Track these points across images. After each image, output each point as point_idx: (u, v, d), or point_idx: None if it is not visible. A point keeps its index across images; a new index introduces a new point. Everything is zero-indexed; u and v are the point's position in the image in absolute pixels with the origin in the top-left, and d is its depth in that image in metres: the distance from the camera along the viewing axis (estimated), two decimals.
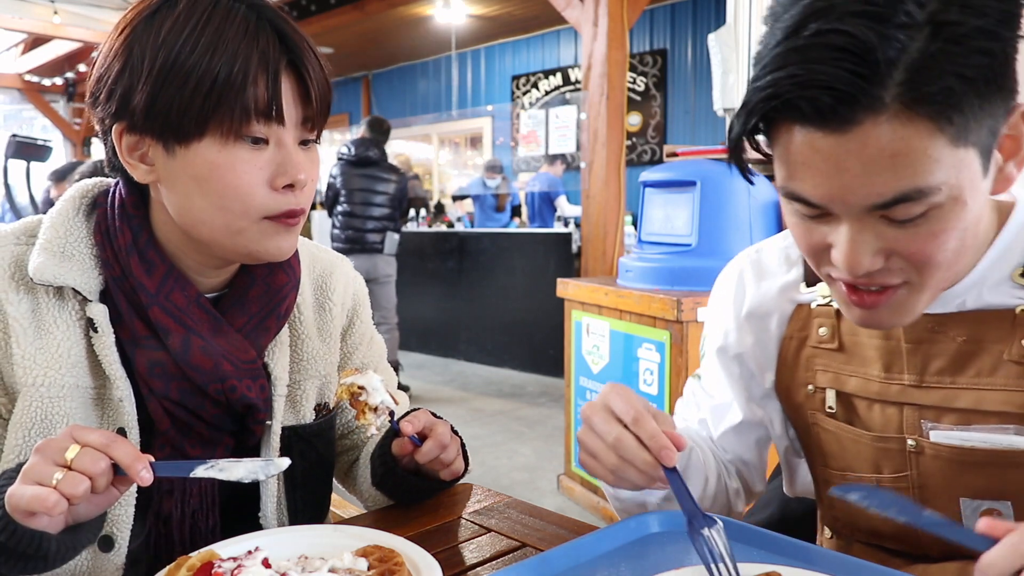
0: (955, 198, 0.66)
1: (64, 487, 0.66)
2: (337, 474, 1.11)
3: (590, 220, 4.02)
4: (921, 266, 0.69)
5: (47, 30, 7.65)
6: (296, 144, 0.83)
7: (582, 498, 3.11)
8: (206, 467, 0.72)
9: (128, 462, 0.68)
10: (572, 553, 0.74)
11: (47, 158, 5.58)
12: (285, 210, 0.82)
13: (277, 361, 0.93)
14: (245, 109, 0.77)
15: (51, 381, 0.81)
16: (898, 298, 0.72)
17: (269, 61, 0.78)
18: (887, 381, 0.84)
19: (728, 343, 0.99)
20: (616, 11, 3.84)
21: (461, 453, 0.96)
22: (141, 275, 0.84)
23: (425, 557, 0.71)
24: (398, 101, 9.87)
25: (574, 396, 3.11)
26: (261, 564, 0.69)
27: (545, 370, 5.44)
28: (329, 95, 0.85)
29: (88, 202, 0.89)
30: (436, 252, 6.16)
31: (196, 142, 0.78)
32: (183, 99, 0.77)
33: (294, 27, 0.82)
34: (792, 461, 1.02)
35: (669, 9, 7.41)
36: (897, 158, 0.63)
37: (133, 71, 0.78)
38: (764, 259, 0.97)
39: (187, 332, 0.84)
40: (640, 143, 7.63)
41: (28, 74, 9.90)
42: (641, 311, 2.63)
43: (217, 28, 0.77)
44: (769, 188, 2.73)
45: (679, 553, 0.76)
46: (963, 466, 0.80)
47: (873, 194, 0.65)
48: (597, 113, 3.92)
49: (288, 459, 0.77)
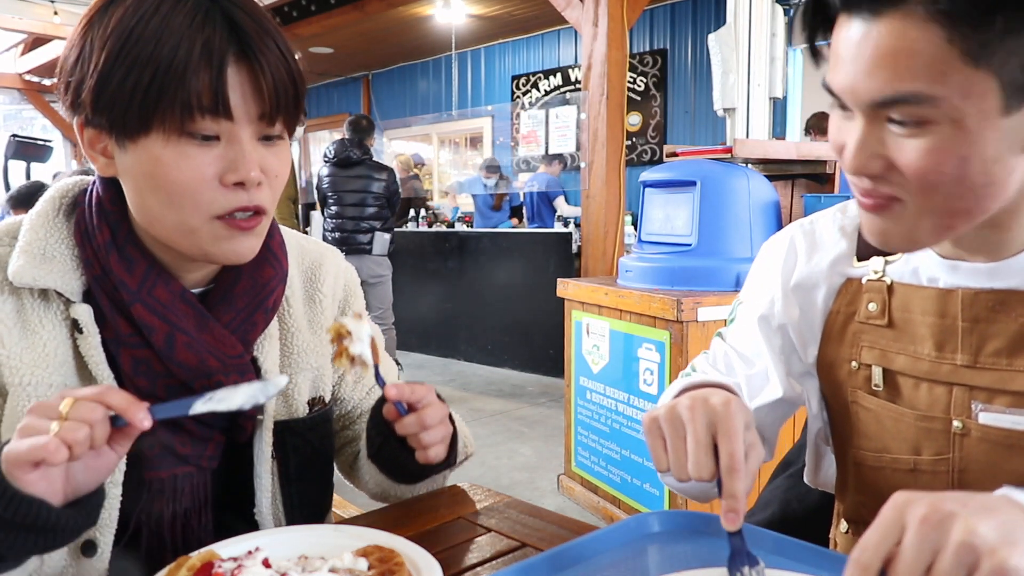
0: (956, 120, 0.64)
1: (63, 434, 0.63)
2: (342, 468, 1.10)
3: (590, 220, 4.02)
4: (916, 184, 0.68)
5: (47, 30, 7.65)
6: (254, 140, 0.78)
7: (582, 498, 3.11)
8: (204, 400, 0.71)
9: (124, 406, 0.67)
10: (572, 553, 0.74)
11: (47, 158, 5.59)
12: (235, 207, 0.78)
13: (267, 355, 0.91)
14: (186, 103, 0.73)
15: (38, 380, 0.79)
16: (898, 212, 0.72)
17: (213, 51, 0.73)
18: (938, 360, 0.81)
19: (773, 312, 0.95)
20: (616, 11, 3.85)
21: (447, 443, 0.90)
22: (122, 272, 0.82)
23: (425, 557, 0.71)
24: (398, 101, 9.87)
25: (574, 396, 3.11)
26: (261, 564, 0.69)
27: (545, 370, 5.44)
28: (294, 87, 0.79)
29: (68, 202, 0.87)
30: (436, 252, 6.15)
31: (143, 137, 0.75)
32: (125, 92, 0.73)
33: (254, 14, 0.77)
34: (821, 447, 1.00)
35: (669, 9, 7.41)
36: (901, 56, 0.64)
37: (84, 62, 0.76)
38: (818, 230, 0.95)
39: (171, 328, 0.82)
40: (640, 143, 7.63)
41: (28, 74, 9.90)
42: (641, 311, 2.63)
43: (164, 16, 0.73)
44: (769, 188, 2.73)
45: (680, 553, 0.76)
46: (1011, 450, 0.78)
47: (874, 89, 0.66)
48: (597, 113, 3.92)
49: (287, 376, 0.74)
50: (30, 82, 10.14)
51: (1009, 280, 0.78)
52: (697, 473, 0.69)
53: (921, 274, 0.84)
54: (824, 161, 2.80)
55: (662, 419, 0.73)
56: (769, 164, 2.93)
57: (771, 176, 2.88)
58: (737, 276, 2.57)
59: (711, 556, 0.71)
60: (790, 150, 2.90)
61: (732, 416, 0.70)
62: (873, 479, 0.88)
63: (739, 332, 1.00)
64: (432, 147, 9.67)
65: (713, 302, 2.49)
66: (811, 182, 2.98)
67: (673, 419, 0.72)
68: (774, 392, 0.95)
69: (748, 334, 0.98)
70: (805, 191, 2.98)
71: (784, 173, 2.98)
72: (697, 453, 0.70)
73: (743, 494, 0.68)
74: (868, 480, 0.89)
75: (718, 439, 0.70)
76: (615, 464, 2.89)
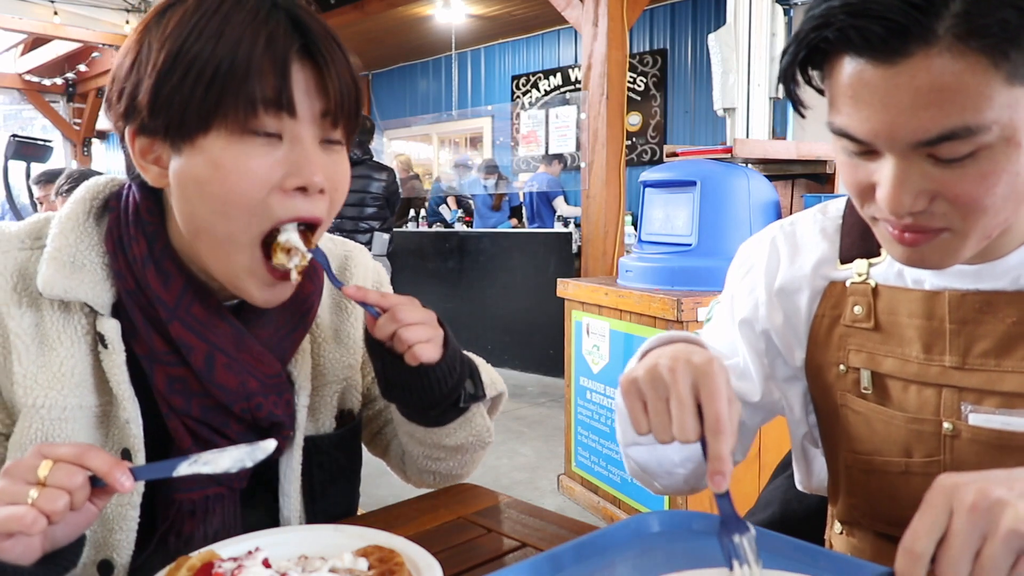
0: (1007, 139, 0.63)
1: (42, 504, 0.60)
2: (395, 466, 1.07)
3: (590, 220, 4.02)
4: (966, 211, 0.67)
5: (47, 30, 7.67)
6: (316, 142, 0.76)
7: (582, 498, 3.11)
8: (189, 463, 0.69)
9: (105, 470, 0.64)
10: (572, 553, 0.74)
11: (47, 158, 5.59)
12: (292, 215, 0.75)
13: (300, 370, 0.89)
14: (250, 99, 0.71)
15: (52, 403, 0.76)
16: (940, 241, 0.70)
17: (277, 46, 0.72)
18: (926, 362, 0.81)
19: (756, 317, 0.94)
20: (616, 11, 3.84)
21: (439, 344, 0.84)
22: (159, 288, 0.78)
23: (425, 557, 0.71)
24: (398, 101, 9.87)
25: (574, 396, 3.11)
26: (261, 564, 0.69)
27: (545, 370, 5.43)
28: (354, 89, 0.77)
29: (99, 204, 0.83)
30: (436, 252, 6.15)
31: (201, 138, 0.73)
32: (185, 91, 0.71)
33: (312, 15, 0.76)
34: (808, 451, 0.99)
35: (669, 9, 7.41)
36: (945, 93, 0.61)
37: (140, 67, 0.74)
38: (799, 232, 0.94)
39: (210, 348, 0.79)
40: (640, 143, 7.63)
41: (28, 74, 9.91)
42: (641, 311, 2.63)
43: (225, 16, 0.72)
44: (769, 188, 2.73)
45: (680, 553, 0.76)
46: (1003, 451, 0.77)
47: (919, 130, 0.63)
48: (597, 113, 3.92)
49: (274, 440, 0.71)
50: (30, 82, 10.15)
51: (995, 281, 0.77)
52: (683, 435, 0.67)
53: (906, 276, 0.83)
54: (824, 161, 2.80)
55: (642, 380, 0.70)
56: (769, 164, 2.93)
57: (771, 176, 2.88)
58: None
59: (711, 556, 0.71)
60: (790, 150, 2.90)
61: (715, 375, 0.68)
62: (865, 482, 0.88)
63: (715, 330, 0.99)
64: (432, 147, 9.67)
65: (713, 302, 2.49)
66: (811, 182, 2.98)
67: (654, 379, 0.69)
68: (752, 396, 0.94)
69: (725, 332, 0.97)
70: (805, 191, 2.98)
71: (784, 173, 2.98)
72: (682, 415, 0.67)
73: (729, 455, 0.66)
74: (860, 483, 0.88)
75: (702, 399, 0.67)
76: (615, 464, 2.89)
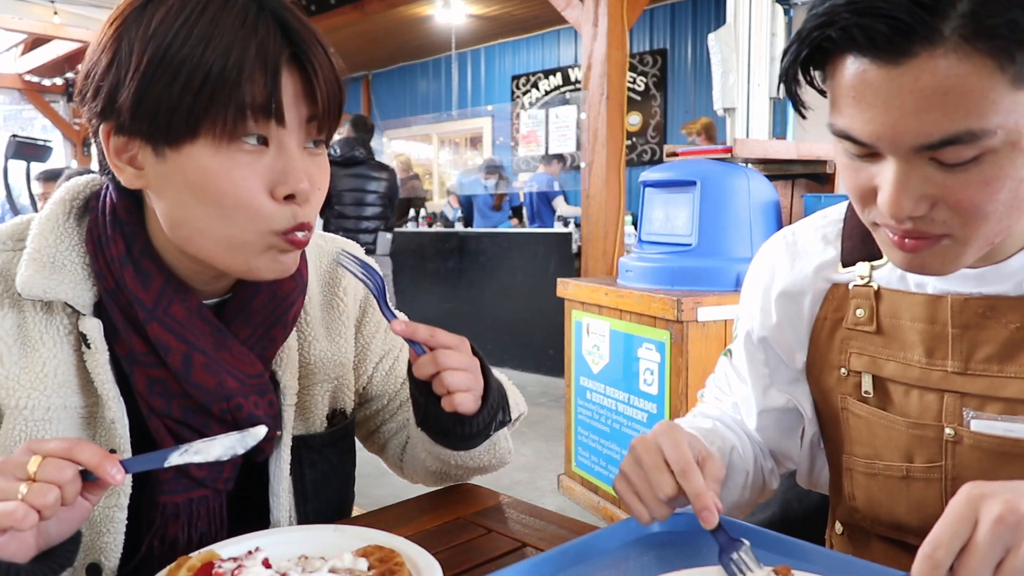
0: (1012, 144, 0.62)
1: (32, 498, 0.60)
2: (393, 464, 1.07)
3: (590, 220, 4.02)
4: (967, 217, 0.66)
5: (47, 30, 7.66)
6: (300, 148, 0.76)
7: (582, 498, 3.11)
8: (180, 452, 0.69)
9: (95, 463, 0.64)
10: (572, 553, 0.74)
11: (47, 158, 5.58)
12: (294, 224, 0.75)
13: (286, 369, 0.88)
14: (240, 106, 0.70)
15: (35, 403, 0.75)
16: (941, 248, 0.69)
17: (268, 54, 0.71)
18: (929, 367, 0.80)
19: (753, 327, 0.96)
20: (616, 11, 3.85)
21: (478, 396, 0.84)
22: (137, 288, 0.77)
23: (425, 557, 0.71)
24: (398, 101, 9.87)
25: (574, 396, 3.11)
26: (261, 564, 0.69)
27: (545, 370, 5.44)
28: (339, 94, 0.77)
29: (80, 204, 0.82)
30: (436, 252, 6.15)
31: (188, 145, 0.71)
32: (172, 96, 0.69)
33: (300, 18, 0.75)
34: (815, 450, 0.99)
35: (669, 9, 7.41)
36: (949, 96, 0.60)
37: (120, 66, 0.71)
38: (800, 240, 0.94)
39: (188, 348, 0.78)
40: (640, 143, 7.63)
41: (28, 74, 9.89)
42: (641, 311, 2.63)
43: (212, 19, 0.70)
44: (769, 188, 2.73)
45: (679, 553, 0.76)
46: (1005, 458, 0.77)
47: (922, 133, 0.62)
48: (597, 113, 3.92)
49: (264, 427, 0.72)
50: (30, 82, 10.14)
51: (998, 285, 0.77)
52: (662, 492, 0.74)
53: (909, 279, 0.83)
54: (824, 161, 2.80)
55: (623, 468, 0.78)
56: (769, 164, 2.93)
57: (771, 176, 2.88)
58: (737, 276, 2.57)
59: (711, 556, 0.71)
60: (790, 150, 2.90)
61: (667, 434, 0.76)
62: (866, 485, 0.88)
63: (736, 350, 1.01)
64: (432, 147, 9.67)
65: (713, 302, 2.49)
66: (811, 182, 2.98)
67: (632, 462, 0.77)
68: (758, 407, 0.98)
69: (740, 350, 1.00)
70: (805, 191, 2.97)
71: (784, 173, 2.98)
72: (653, 474, 0.74)
73: (706, 490, 0.72)
74: (861, 486, 0.88)
75: (665, 453, 0.75)
76: (615, 464, 2.89)
